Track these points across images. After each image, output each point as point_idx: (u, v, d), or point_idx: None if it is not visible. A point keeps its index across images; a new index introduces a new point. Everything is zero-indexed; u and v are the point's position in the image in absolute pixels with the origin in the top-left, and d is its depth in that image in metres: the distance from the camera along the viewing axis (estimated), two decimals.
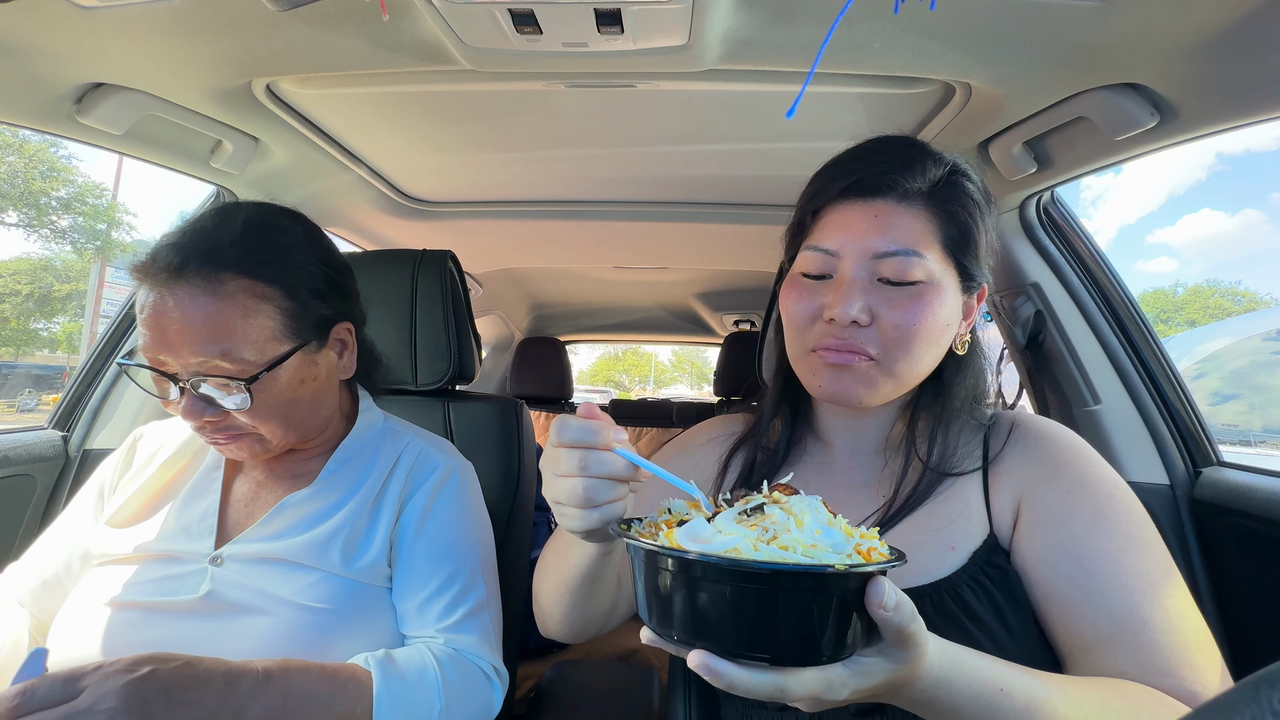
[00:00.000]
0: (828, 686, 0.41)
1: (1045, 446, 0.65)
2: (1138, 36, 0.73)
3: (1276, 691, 0.21)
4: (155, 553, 0.74)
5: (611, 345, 25.27)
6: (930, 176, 0.64)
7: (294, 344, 0.74)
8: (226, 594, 0.71)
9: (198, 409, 0.70)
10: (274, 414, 0.74)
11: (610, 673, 1.44)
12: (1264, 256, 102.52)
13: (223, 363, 0.68)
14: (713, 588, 0.39)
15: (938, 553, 0.62)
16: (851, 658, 0.42)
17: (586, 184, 1.48)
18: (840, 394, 0.65)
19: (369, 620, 0.75)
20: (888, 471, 0.70)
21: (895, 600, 0.40)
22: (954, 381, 0.68)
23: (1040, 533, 0.60)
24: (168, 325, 0.67)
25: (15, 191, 16.12)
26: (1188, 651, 0.53)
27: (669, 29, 0.77)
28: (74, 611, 0.72)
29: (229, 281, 0.69)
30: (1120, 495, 0.61)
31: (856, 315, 0.61)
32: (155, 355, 0.69)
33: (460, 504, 0.86)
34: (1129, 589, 0.56)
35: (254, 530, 0.76)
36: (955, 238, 0.64)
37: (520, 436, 1.19)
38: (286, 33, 0.82)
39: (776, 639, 0.39)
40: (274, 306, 0.72)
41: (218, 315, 0.68)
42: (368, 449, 0.86)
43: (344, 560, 0.75)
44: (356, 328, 0.85)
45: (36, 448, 1.18)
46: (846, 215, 0.65)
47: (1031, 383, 1.32)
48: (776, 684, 0.39)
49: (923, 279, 0.62)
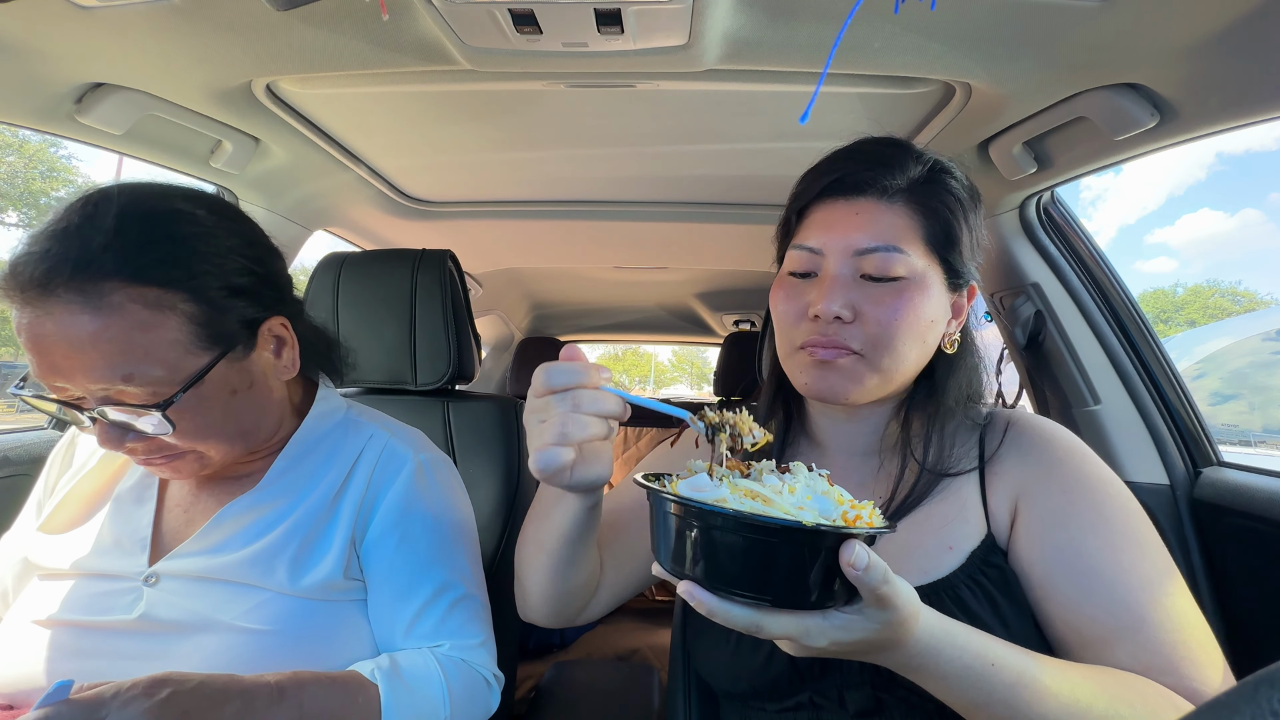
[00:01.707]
0: (804, 632, 0.44)
1: (1041, 446, 0.65)
2: (1138, 36, 0.73)
3: (1276, 691, 0.21)
4: (87, 570, 0.67)
5: (611, 345, 25.27)
6: (911, 174, 0.65)
7: (213, 353, 0.63)
8: (163, 615, 0.64)
9: (115, 437, 0.61)
10: (207, 432, 0.65)
11: (610, 673, 1.44)
12: (1263, 256, 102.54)
13: (128, 388, 0.58)
14: (698, 530, 0.45)
15: (935, 553, 0.62)
16: (831, 611, 0.45)
17: (586, 184, 1.48)
18: (827, 390, 0.65)
19: (325, 642, 0.68)
20: (883, 473, 0.70)
21: (866, 561, 0.42)
22: (946, 381, 0.69)
23: (1038, 533, 0.60)
24: (52, 349, 0.57)
25: (15, 191, 16.12)
26: (1187, 649, 0.54)
27: (669, 29, 0.77)
28: (9, 628, 0.66)
29: (113, 292, 0.57)
30: (1116, 494, 0.61)
31: (839, 311, 0.62)
32: (51, 383, 0.59)
33: (442, 503, 0.78)
34: (1127, 587, 0.56)
35: (191, 543, 0.68)
36: (938, 234, 0.65)
37: (520, 436, 1.19)
38: (286, 33, 0.81)
39: (756, 582, 0.44)
40: (178, 315, 0.60)
41: (107, 334, 0.56)
42: (323, 446, 0.76)
43: (291, 577, 0.67)
44: (293, 319, 0.73)
45: (36, 448, 1.18)
46: (829, 214, 0.67)
47: (1031, 383, 1.32)
48: (753, 620, 0.44)
49: (905, 275, 0.63)
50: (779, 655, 0.63)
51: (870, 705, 0.61)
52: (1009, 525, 0.63)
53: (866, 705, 0.61)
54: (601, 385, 0.50)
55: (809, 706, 0.64)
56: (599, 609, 0.74)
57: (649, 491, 0.48)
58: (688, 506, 0.44)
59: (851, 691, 0.62)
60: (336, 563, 0.70)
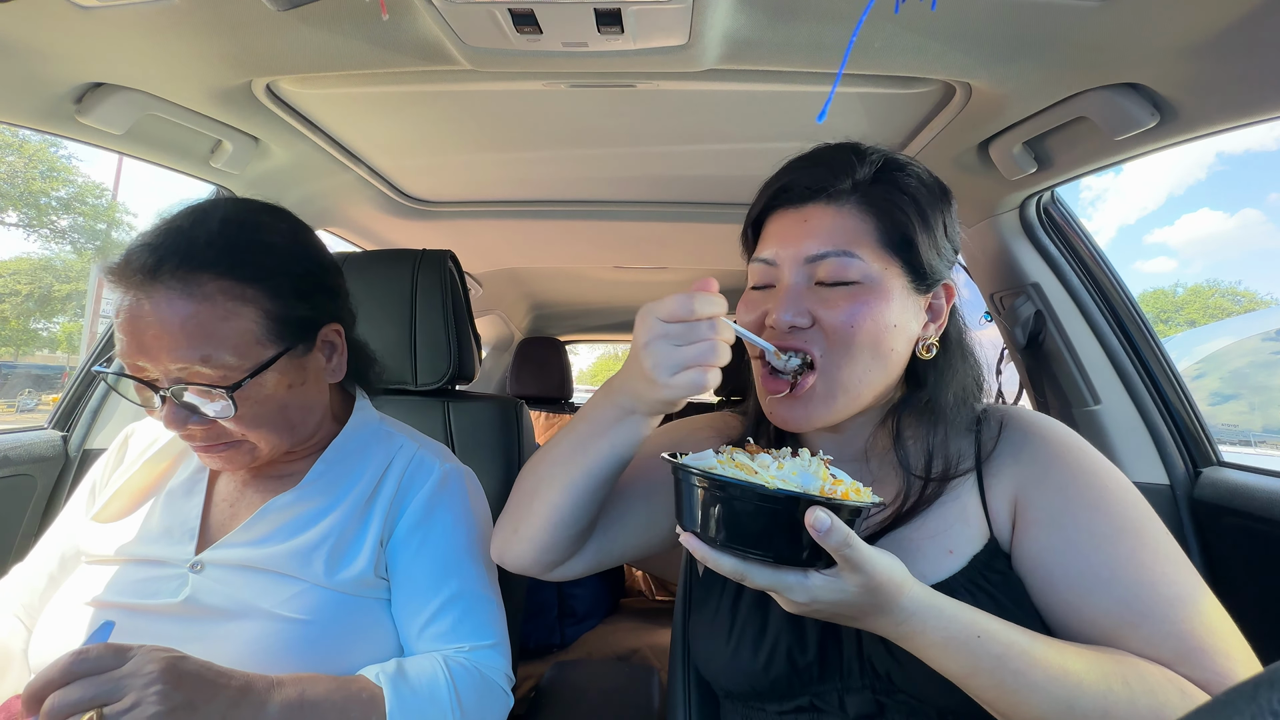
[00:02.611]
0: (786, 587, 0.49)
1: (1035, 443, 0.64)
2: (1138, 36, 0.73)
3: (1276, 692, 0.21)
4: (137, 556, 0.73)
5: (611, 345, 25.25)
6: (857, 175, 0.64)
7: (279, 348, 0.71)
8: (206, 600, 0.69)
9: (180, 417, 0.68)
10: (261, 421, 0.71)
11: (610, 673, 1.44)
12: (1263, 256, 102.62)
13: (203, 369, 0.65)
14: (696, 491, 0.51)
15: (934, 557, 0.62)
16: (811, 572, 0.49)
17: (586, 184, 1.48)
18: (793, 421, 0.65)
19: (356, 635, 0.72)
20: (871, 479, 0.69)
21: (829, 525, 0.46)
22: (939, 389, 0.67)
23: (1038, 534, 0.60)
24: (144, 330, 0.65)
25: (15, 191, 16.12)
26: (1199, 637, 0.52)
27: (669, 29, 0.77)
28: (57, 609, 0.71)
29: (207, 283, 0.66)
30: (1114, 485, 0.60)
31: (794, 320, 0.62)
32: (133, 362, 0.66)
33: (463, 509, 0.83)
34: (1127, 581, 0.55)
35: (236, 535, 0.74)
36: (893, 235, 0.63)
37: (520, 436, 1.19)
38: (286, 33, 0.82)
39: (738, 536, 0.50)
40: (256, 308, 0.69)
41: (196, 319, 0.65)
42: (358, 451, 0.82)
43: (328, 571, 0.72)
44: (346, 329, 0.82)
45: (36, 448, 1.18)
46: (780, 224, 0.67)
47: (1031, 383, 1.32)
48: (738, 568, 0.49)
49: (858, 279, 0.62)
50: (778, 657, 0.63)
51: (871, 709, 0.61)
52: (1011, 527, 0.62)
53: (867, 709, 0.61)
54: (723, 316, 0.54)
55: (809, 710, 0.63)
56: (578, 568, 0.72)
57: (669, 462, 0.54)
58: (685, 470, 0.51)
59: (852, 695, 0.61)
60: (368, 560, 0.75)
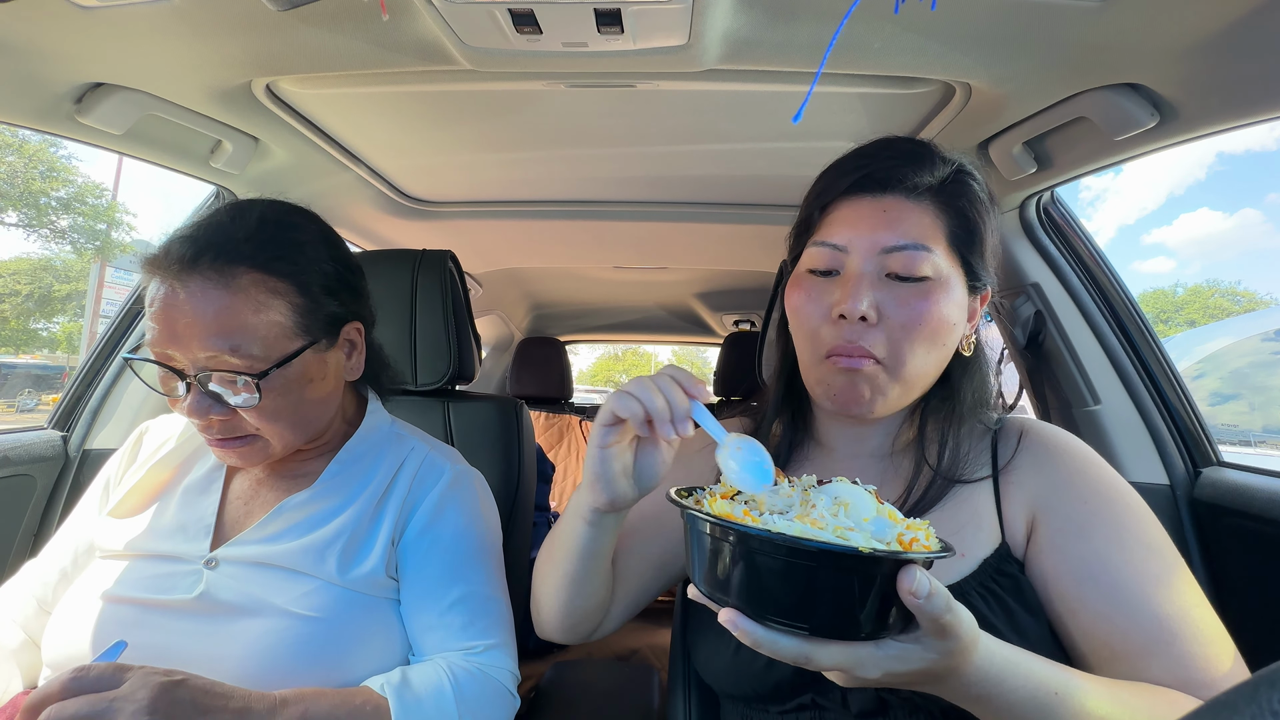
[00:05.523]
0: (857, 663, 0.42)
1: (1058, 457, 0.64)
2: (1138, 36, 0.73)
3: (1276, 692, 0.21)
4: (151, 551, 0.74)
5: (611, 345, 25.28)
6: (938, 173, 0.65)
7: (304, 341, 0.73)
8: (220, 596, 0.70)
9: (204, 406, 0.69)
10: (280, 414, 0.72)
11: (610, 673, 1.44)
12: (1262, 256, 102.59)
13: (232, 358, 0.67)
14: (739, 553, 0.41)
15: (945, 559, 0.62)
16: (886, 640, 0.42)
17: (586, 184, 1.48)
18: (852, 403, 0.64)
19: (365, 634, 0.73)
20: (892, 476, 0.69)
21: (928, 589, 0.39)
22: (962, 385, 0.68)
23: (1060, 545, 0.60)
24: (178, 318, 0.67)
25: (15, 191, 16.10)
26: (1218, 661, 0.53)
27: (669, 29, 0.77)
28: (71, 603, 0.72)
29: (242, 275, 0.69)
30: (1135, 504, 0.61)
31: (865, 310, 0.61)
32: (163, 350, 0.68)
33: (473, 510, 0.84)
34: (1157, 600, 0.55)
35: (251, 532, 0.75)
36: (962, 235, 0.65)
37: (520, 436, 1.19)
38: (286, 33, 0.82)
39: (805, 610, 0.40)
40: (286, 302, 0.71)
41: (229, 309, 0.67)
42: (372, 452, 0.84)
43: (341, 568, 0.73)
44: (366, 329, 0.84)
45: (36, 448, 1.18)
46: (855, 210, 0.65)
47: (1031, 383, 1.32)
48: (802, 651, 0.41)
49: (930, 275, 0.62)
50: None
51: (874, 705, 0.61)
52: (1025, 537, 0.62)
53: (870, 705, 0.61)
54: (698, 401, 0.54)
55: (812, 707, 0.63)
56: (613, 624, 0.74)
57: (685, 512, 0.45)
58: (726, 528, 0.40)
59: (854, 692, 0.61)
60: (380, 559, 0.76)
